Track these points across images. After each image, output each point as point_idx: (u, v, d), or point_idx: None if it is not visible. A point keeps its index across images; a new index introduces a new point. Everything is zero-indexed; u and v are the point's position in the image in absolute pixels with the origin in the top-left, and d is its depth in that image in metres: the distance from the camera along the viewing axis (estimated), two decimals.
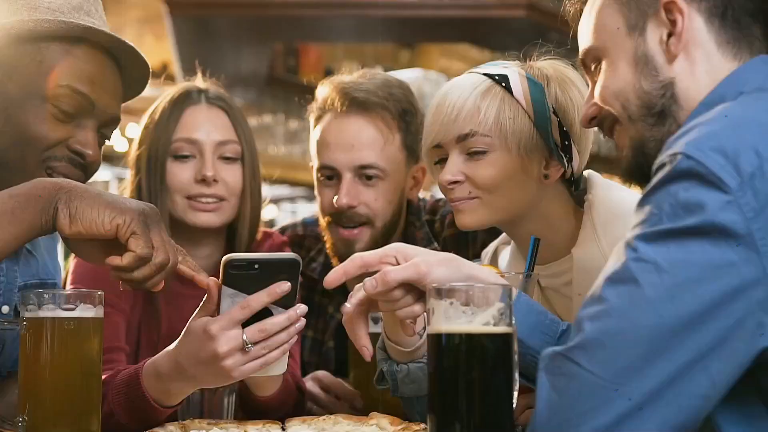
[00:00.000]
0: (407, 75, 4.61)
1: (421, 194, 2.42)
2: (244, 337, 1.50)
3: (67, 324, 1.46)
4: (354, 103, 2.23)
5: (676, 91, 1.40)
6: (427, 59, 6.86)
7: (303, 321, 1.54)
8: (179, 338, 1.58)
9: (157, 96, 2.21)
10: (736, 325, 1.17)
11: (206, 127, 2.11)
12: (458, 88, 1.86)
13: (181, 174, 2.09)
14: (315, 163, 2.29)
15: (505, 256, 1.98)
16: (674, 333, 1.16)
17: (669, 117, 1.40)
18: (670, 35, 1.40)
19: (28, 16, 1.72)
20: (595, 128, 1.58)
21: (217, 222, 2.09)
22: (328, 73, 2.24)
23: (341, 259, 2.26)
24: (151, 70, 1.90)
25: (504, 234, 2.01)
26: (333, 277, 1.50)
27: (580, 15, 1.55)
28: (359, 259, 1.51)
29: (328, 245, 2.30)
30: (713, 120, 1.25)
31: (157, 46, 7.13)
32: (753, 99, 1.32)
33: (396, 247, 1.53)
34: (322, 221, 2.30)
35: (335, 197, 2.22)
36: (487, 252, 2.05)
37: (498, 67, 1.89)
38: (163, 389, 1.64)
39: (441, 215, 2.36)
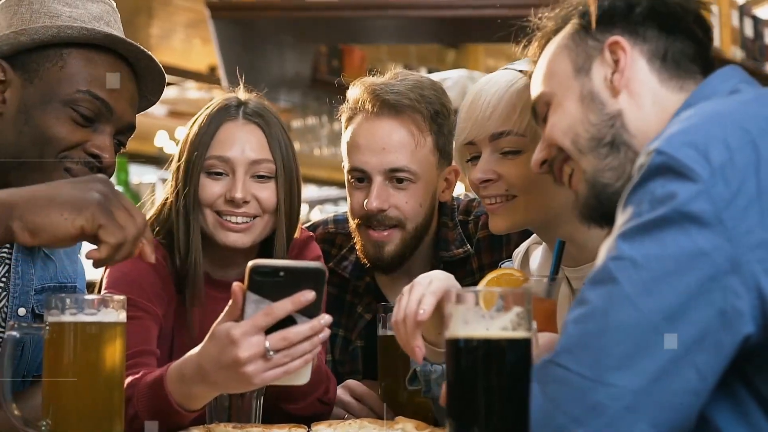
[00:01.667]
0: (452, 75, 4.58)
1: (455, 194, 2.39)
2: (267, 345, 1.49)
3: (89, 328, 1.47)
4: (385, 105, 2.20)
5: (626, 121, 1.45)
6: (473, 59, 6.82)
7: (327, 332, 1.53)
8: (203, 342, 1.58)
9: (206, 99, 2.21)
10: (716, 315, 1.18)
11: (240, 144, 2.06)
12: (493, 85, 1.84)
13: (211, 189, 2.06)
14: (346, 165, 2.27)
15: (537, 256, 1.95)
16: (656, 328, 1.18)
17: (622, 145, 1.45)
18: (613, 73, 1.47)
19: (50, 24, 1.77)
20: None
21: (247, 242, 2.05)
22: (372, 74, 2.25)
23: (371, 262, 2.27)
24: (166, 80, 1.95)
25: (535, 234, 1.98)
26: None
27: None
28: None
29: (358, 247, 2.29)
30: (686, 118, 1.29)
31: (205, 50, 7.21)
32: (724, 98, 1.37)
33: None
34: (352, 223, 2.29)
35: (366, 200, 2.21)
36: (519, 252, 2.03)
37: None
38: (187, 393, 1.64)
39: (475, 216, 2.34)
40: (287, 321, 1.50)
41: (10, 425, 1.50)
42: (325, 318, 1.52)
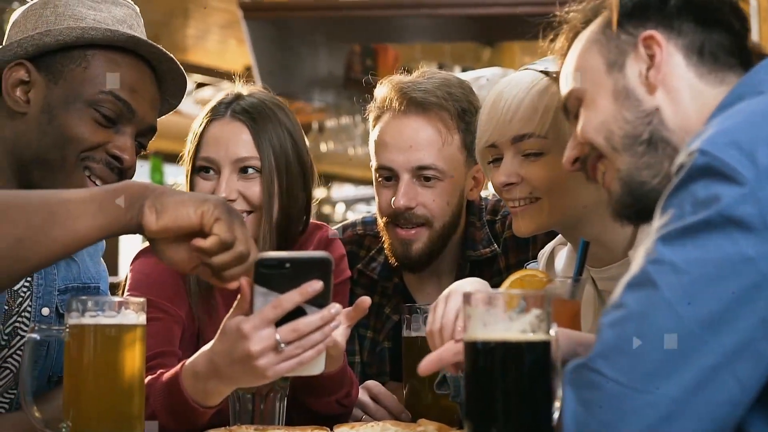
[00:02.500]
0: (486, 73, 4.54)
1: (483, 193, 2.37)
2: (277, 337, 1.47)
3: (109, 331, 1.47)
4: (412, 102, 2.19)
5: (664, 118, 1.40)
6: (509, 57, 6.76)
7: (338, 321, 1.51)
8: (215, 337, 1.57)
9: None
10: (759, 324, 1.13)
11: (224, 144, 2.05)
12: (514, 87, 1.81)
13: (202, 188, 2.06)
14: (373, 163, 2.27)
15: (562, 257, 1.93)
16: (696, 336, 1.13)
17: (660, 142, 1.40)
18: (649, 69, 1.41)
19: (75, 26, 1.79)
20: None
21: None
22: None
23: (399, 260, 2.25)
24: (188, 83, 1.95)
25: (560, 235, 1.95)
26: (426, 365, 1.46)
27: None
28: (455, 346, 1.46)
29: (386, 245, 2.28)
30: (729, 116, 1.24)
31: (240, 50, 7.22)
32: None
33: None
34: (380, 221, 2.28)
35: (393, 198, 2.19)
36: (544, 253, 2.00)
37: (555, 63, 1.82)
38: (202, 389, 1.63)
39: (502, 215, 2.32)
40: (297, 312, 1.48)
41: (32, 426, 1.51)
42: (336, 307, 1.49)
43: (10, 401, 1.84)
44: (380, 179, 2.25)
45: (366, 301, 1.61)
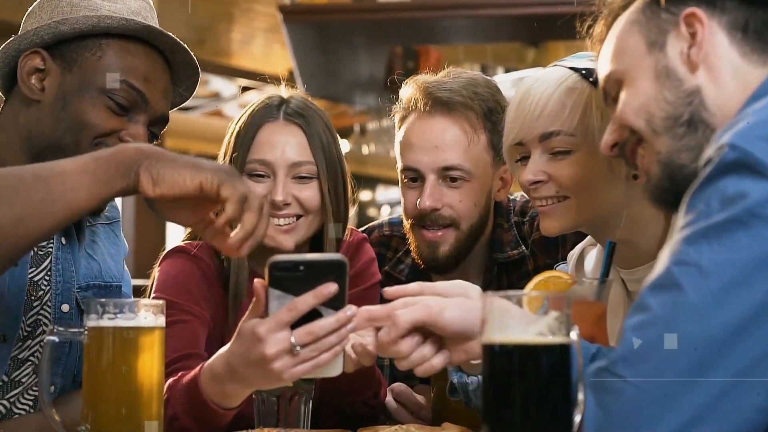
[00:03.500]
0: (527, 74, 4.49)
1: (512, 195, 2.34)
2: (292, 340, 1.46)
3: (127, 333, 1.46)
4: (437, 102, 2.18)
5: (704, 98, 1.34)
6: (554, 58, 6.66)
7: (354, 323, 1.49)
8: (232, 340, 1.56)
9: None
10: None
11: (280, 147, 2.04)
12: (542, 83, 1.78)
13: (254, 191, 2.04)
14: (399, 164, 2.25)
15: (592, 258, 1.89)
16: (723, 341, 1.09)
17: (701, 124, 1.34)
18: (690, 47, 1.36)
19: (91, 15, 1.81)
20: None
21: (291, 243, 1.92)
22: None
23: (426, 262, 2.22)
24: (200, 75, 1.96)
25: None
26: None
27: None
28: (366, 312, 1.46)
29: (412, 248, 2.26)
30: (761, 109, 1.19)
31: (284, 54, 7.25)
32: None
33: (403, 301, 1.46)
34: (406, 223, 2.25)
35: (419, 199, 2.17)
36: (573, 254, 1.97)
37: (584, 60, 1.79)
38: (220, 391, 1.63)
39: (530, 217, 2.29)
40: (313, 314, 1.47)
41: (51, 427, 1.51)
42: (352, 309, 1.48)
43: (34, 399, 1.85)
44: (406, 180, 2.23)
45: None
